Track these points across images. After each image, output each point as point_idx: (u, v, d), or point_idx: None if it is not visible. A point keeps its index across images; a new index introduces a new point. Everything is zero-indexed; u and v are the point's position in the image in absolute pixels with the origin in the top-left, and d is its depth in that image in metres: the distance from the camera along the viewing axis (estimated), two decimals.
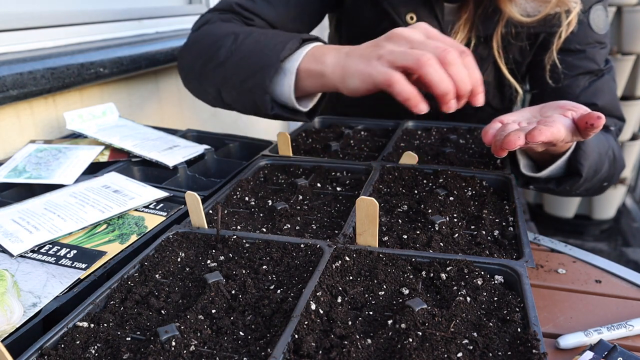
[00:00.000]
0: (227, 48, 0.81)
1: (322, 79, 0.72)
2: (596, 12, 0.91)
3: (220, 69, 0.81)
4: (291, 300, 0.47)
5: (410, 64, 0.62)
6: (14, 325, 0.47)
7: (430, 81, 0.61)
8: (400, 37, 0.66)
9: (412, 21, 0.93)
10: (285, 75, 0.74)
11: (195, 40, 0.90)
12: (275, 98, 0.77)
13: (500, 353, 0.41)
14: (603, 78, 0.95)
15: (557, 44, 0.88)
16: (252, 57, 0.76)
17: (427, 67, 0.61)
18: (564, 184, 0.76)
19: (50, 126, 1.06)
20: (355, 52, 0.69)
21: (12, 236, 0.61)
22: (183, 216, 0.67)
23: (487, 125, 0.70)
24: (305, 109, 0.79)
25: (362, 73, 0.66)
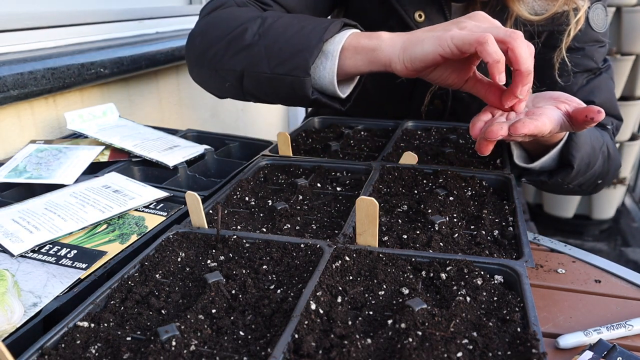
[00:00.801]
0: (253, 31, 0.78)
1: (373, 54, 0.71)
2: (595, 11, 0.91)
3: (244, 53, 0.78)
4: (291, 300, 0.47)
5: (502, 35, 0.62)
6: (15, 325, 0.47)
7: (520, 55, 0.61)
8: (484, 18, 0.67)
9: (421, 19, 0.93)
10: (326, 58, 0.73)
11: (210, 23, 0.86)
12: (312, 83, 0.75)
13: (500, 353, 0.41)
14: (601, 76, 0.95)
15: (566, 42, 0.88)
16: (288, 39, 0.74)
17: (519, 42, 0.61)
18: (555, 175, 0.77)
19: (50, 126, 1.06)
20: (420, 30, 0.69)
21: (12, 236, 0.61)
22: (183, 216, 0.67)
23: (476, 116, 0.70)
24: (343, 95, 0.77)
25: (439, 37, 0.65)
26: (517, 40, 0.62)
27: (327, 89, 0.75)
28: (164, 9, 1.53)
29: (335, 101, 0.78)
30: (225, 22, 0.83)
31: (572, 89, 0.94)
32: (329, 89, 0.75)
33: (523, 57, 0.62)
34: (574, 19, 0.86)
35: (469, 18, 0.67)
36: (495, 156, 0.85)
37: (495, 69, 0.62)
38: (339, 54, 0.72)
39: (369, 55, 0.71)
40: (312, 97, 0.75)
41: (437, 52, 0.65)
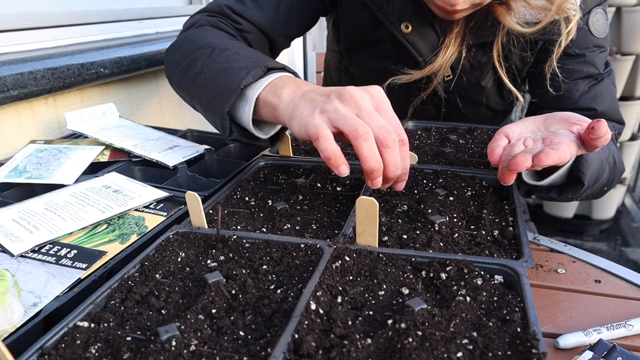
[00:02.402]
0: (202, 61, 0.80)
1: (275, 112, 0.70)
2: (596, 16, 0.90)
3: (193, 81, 0.80)
4: (291, 300, 0.47)
5: (346, 130, 0.60)
6: (15, 325, 0.47)
7: (361, 154, 0.59)
8: (352, 99, 0.62)
9: (407, 30, 0.93)
10: (246, 102, 0.73)
11: (180, 43, 0.90)
12: (237, 122, 0.76)
13: (500, 353, 0.41)
14: (603, 82, 0.94)
15: (556, 53, 0.88)
16: (218, 78, 0.75)
17: (361, 141, 0.59)
18: (565, 192, 0.76)
19: (50, 126, 1.06)
20: (310, 95, 0.66)
21: (12, 236, 0.61)
22: (183, 216, 0.67)
23: (492, 142, 0.70)
24: (265, 135, 0.77)
25: (302, 120, 0.63)
26: (358, 140, 0.59)
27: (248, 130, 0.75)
28: (163, 9, 1.53)
29: (261, 140, 0.77)
30: (187, 45, 0.87)
31: (573, 96, 0.93)
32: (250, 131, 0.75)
33: (363, 156, 0.59)
34: (565, 30, 0.85)
35: (338, 96, 0.63)
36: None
37: (328, 164, 0.61)
38: (256, 101, 0.72)
39: (273, 113, 0.71)
40: (230, 137, 0.76)
41: (300, 135, 0.65)
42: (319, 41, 2.73)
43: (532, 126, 0.72)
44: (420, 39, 0.94)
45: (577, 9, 0.85)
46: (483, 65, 0.96)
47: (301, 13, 0.99)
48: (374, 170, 0.60)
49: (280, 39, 0.99)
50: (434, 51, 0.94)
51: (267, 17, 0.94)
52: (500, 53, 0.92)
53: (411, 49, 0.94)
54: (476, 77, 0.98)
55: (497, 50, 0.91)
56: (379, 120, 0.61)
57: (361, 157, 0.59)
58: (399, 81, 0.95)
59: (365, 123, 0.60)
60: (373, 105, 0.63)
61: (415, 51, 0.95)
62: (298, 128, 0.65)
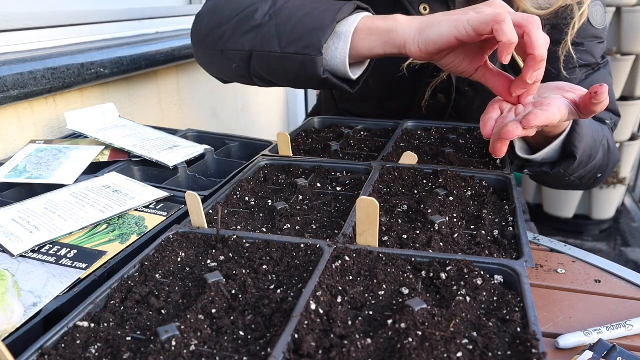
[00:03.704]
0: (264, 11, 0.78)
1: (388, 35, 0.70)
2: (595, 8, 0.93)
3: (254, 33, 0.78)
4: (291, 300, 0.47)
5: (519, 19, 0.62)
6: (15, 325, 0.47)
7: (536, 39, 0.61)
8: (501, 5, 0.65)
9: (426, 12, 0.93)
10: (339, 38, 0.72)
11: (218, 4, 0.86)
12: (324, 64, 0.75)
13: (499, 353, 0.41)
14: (600, 72, 0.95)
15: (571, 34, 0.89)
16: (300, 19, 0.74)
17: (536, 27, 0.61)
18: (558, 166, 0.77)
19: (50, 126, 1.06)
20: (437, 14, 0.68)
21: (12, 236, 0.61)
22: (183, 216, 0.67)
23: (484, 114, 0.70)
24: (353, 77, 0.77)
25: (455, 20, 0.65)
26: (534, 25, 0.61)
27: (338, 70, 0.75)
28: (163, 9, 1.53)
29: (345, 82, 0.78)
30: (234, 2, 0.83)
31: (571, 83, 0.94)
32: (340, 70, 0.75)
33: (539, 41, 0.61)
34: (578, 13, 0.87)
35: (486, 5, 0.66)
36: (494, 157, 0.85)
37: (505, 48, 0.61)
38: (352, 35, 0.72)
39: (384, 37, 0.71)
40: (323, 77, 0.74)
41: (452, 34, 0.65)
42: None
43: None
44: None
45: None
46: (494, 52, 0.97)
47: None
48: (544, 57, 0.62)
49: None
50: None
51: None
52: None
53: None
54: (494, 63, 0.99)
55: None
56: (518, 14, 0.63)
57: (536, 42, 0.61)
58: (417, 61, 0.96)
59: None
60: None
61: None
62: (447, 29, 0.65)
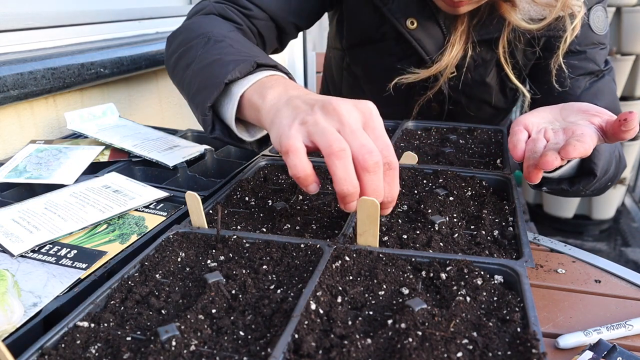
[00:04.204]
0: (195, 51, 0.77)
1: (258, 115, 0.64)
2: (596, 13, 0.91)
3: (184, 72, 0.77)
4: (291, 300, 0.47)
5: (321, 145, 0.53)
6: (15, 325, 0.47)
7: (333, 174, 0.53)
8: (336, 113, 0.55)
9: (413, 26, 0.93)
10: (230, 99, 0.68)
11: (181, 31, 0.87)
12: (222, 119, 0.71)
13: (499, 353, 0.41)
14: (604, 79, 0.95)
15: (562, 48, 0.88)
16: (207, 70, 0.71)
17: (334, 158, 0.52)
18: (577, 184, 0.75)
19: (50, 126, 1.06)
20: (294, 102, 0.59)
21: (12, 236, 0.61)
22: (183, 216, 0.67)
23: (512, 136, 0.67)
24: (251, 138, 0.72)
25: (279, 129, 0.57)
26: (331, 158, 0.52)
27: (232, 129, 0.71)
28: (163, 9, 1.53)
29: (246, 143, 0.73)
30: (185, 33, 0.84)
31: (575, 93, 0.93)
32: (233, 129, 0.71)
33: (336, 177, 0.52)
34: (570, 26, 0.86)
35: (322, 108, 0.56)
36: (495, 156, 0.85)
37: (297, 182, 0.56)
38: (240, 99, 0.67)
39: (256, 114, 0.65)
40: (211, 135, 0.71)
41: (275, 146, 0.59)
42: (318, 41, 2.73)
43: (548, 116, 0.71)
44: (425, 35, 0.94)
45: (582, 5, 0.86)
46: (487, 62, 0.96)
47: (311, 2, 0.99)
48: (347, 194, 0.53)
49: (290, 27, 0.98)
50: (439, 48, 0.94)
51: (279, 4, 0.93)
52: (506, 50, 0.92)
53: (417, 45, 0.94)
54: (480, 75, 0.98)
55: (502, 47, 0.92)
56: (362, 138, 0.54)
57: (333, 177, 0.53)
58: (405, 80, 0.95)
59: (346, 140, 0.53)
60: (361, 121, 0.56)
61: (420, 48, 0.95)
62: (274, 137, 0.58)
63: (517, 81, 0.95)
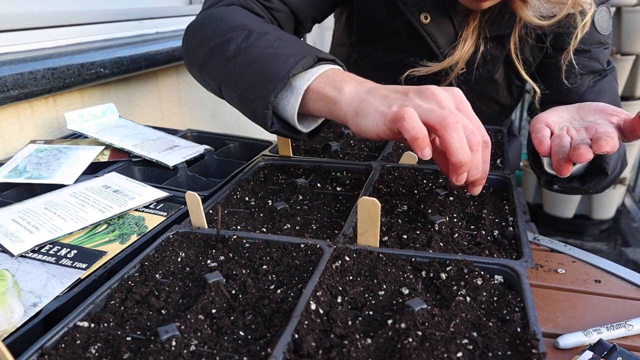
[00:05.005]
0: (236, 44, 0.75)
1: (333, 107, 0.66)
2: (600, 14, 0.92)
3: (225, 64, 0.76)
4: (291, 300, 0.47)
5: (434, 120, 0.56)
6: (15, 325, 0.47)
7: (450, 146, 0.55)
8: (434, 96, 0.59)
9: (427, 21, 0.93)
10: (292, 92, 0.69)
11: (205, 22, 0.84)
12: (277, 112, 0.72)
13: (499, 353, 0.41)
14: (606, 78, 0.95)
15: (573, 44, 0.89)
16: (261, 64, 0.71)
17: (451, 131, 0.55)
18: (588, 182, 0.76)
19: (50, 126, 1.06)
20: (380, 91, 0.63)
21: (12, 236, 0.61)
22: (183, 216, 0.67)
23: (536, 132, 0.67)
24: (306, 129, 0.74)
25: (376, 114, 0.60)
26: (447, 130, 0.55)
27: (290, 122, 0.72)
28: (163, 9, 1.53)
29: (300, 134, 0.74)
30: (216, 24, 0.82)
31: (579, 91, 0.94)
32: (292, 123, 0.72)
33: (453, 147, 0.55)
34: (580, 22, 0.87)
35: (419, 94, 0.60)
36: (495, 156, 0.85)
37: (413, 145, 0.56)
38: (304, 92, 0.68)
39: (329, 107, 0.67)
40: (271, 129, 0.72)
41: (374, 131, 0.61)
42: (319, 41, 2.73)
43: (566, 115, 0.71)
44: (438, 30, 0.94)
45: (592, 2, 0.87)
46: (496, 59, 0.97)
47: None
48: (463, 163, 0.56)
49: (308, 21, 0.97)
50: (450, 43, 0.95)
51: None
52: (517, 46, 0.93)
53: (429, 40, 0.95)
54: (489, 71, 0.99)
55: (513, 44, 0.92)
56: (463, 119, 0.57)
57: (451, 148, 0.55)
58: (417, 73, 0.95)
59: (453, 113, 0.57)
60: (455, 105, 0.60)
61: (432, 43, 0.95)
62: (372, 125, 0.61)
63: (527, 77, 0.95)
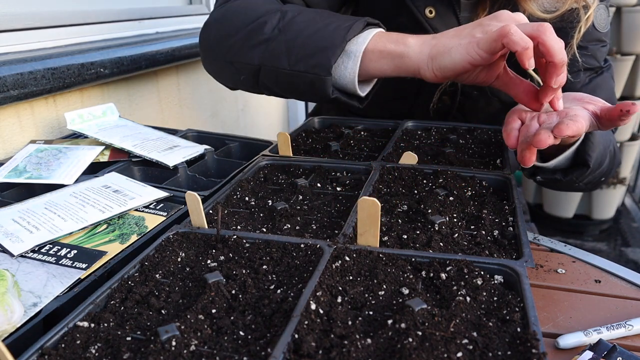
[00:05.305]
0: (272, 25, 0.77)
1: (400, 60, 0.70)
2: (599, 11, 0.93)
3: (263, 47, 0.77)
4: (291, 300, 0.47)
5: (530, 30, 0.61)
6: (15, 325, 0.47)
7: (552, 47, 0.61)
8: (509, 16, 0.65)
9: (431, 15, 0.93)
10: (348, 57, 0.72)
11: (227, 13, 0.85)
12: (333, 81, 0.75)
13: (500, 353, 0.41)
14: (603, 75, 0.96)
15: (577, 38, 0.89)
16: (310, 35, 0.73)
17: (551, 34, 0.60)
18: (570, 174, 0.77)
19: (50, 126, 1.06)
20: (447, 33, 0.68)
21: (12, 236, 0.61)
22: (183, 216, 0.67)
23: (506, 125, 0.69)
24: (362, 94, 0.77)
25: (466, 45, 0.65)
26: (546, 33, 0.61)
27: (347, 88, 0.75)
28: (163, 9, 1.54)
29: (354, 99, 0.78)
30: (243, 13, 0.83)
31: (575, 86, 0.94)
32: (349, 88, 0.75)
33: (555, 48, 0.61)
34: (584, 17, 0.87)
35: (493, 18, 0.66)
36: (495, 156, 0.85)
37: (524, 56, 0.61)
38: (362, 55, 0.72)
39: (396, 62, 0.71)
40: (332, 96, 0.75)
41: (466, 60, 0.66)
42: None
43: None
44: (442, 25, 0.95)
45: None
46: None
47: None
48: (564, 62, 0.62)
49: None
50: None
51: None
52: None
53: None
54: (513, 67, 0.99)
55: None
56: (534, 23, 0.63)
57: (553, 50, 0.61)
58: None
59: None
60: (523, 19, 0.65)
61: None
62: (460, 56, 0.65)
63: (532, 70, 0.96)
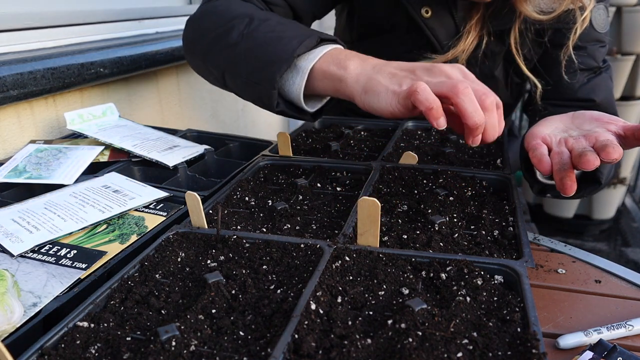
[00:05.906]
0: (239, 31, 0.77)
1: (339, 84, 0.69)
2: (598, 12, 0.93)
3: (228, 52, 0.78)
4: (291, 300, 0.47)
5: (445, 90, 0.60)
6: (14, 325, 0.47)
7: (464, 110, 0.59)
8: (442, 72, 0.64)
9: (427, 15, 0.93)
10: (297, 73, 0.72)
11: (206, 13, 0.86)
12: (282, 94, 0.75)
13: (500, 353, 0.41)
14: (601, 75, 0.96)
15: (572, 39, 0.89)
16: (265, 47, 0.73)
17: (464, 96, 0.59)
18: (582, 190, 0.75)
19: (50, 126, 1.06)
20: (386, 69, 0.67)
21: (12, 236, 0.61)
22: (183, 216, 0.67)
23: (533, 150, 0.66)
24: (311, 109, 0.76)
25: (392, 94, 0.64)
26: (460, 95, 0.59)
27: (295, 102, 0.75)
28: (163, 9, 1.53)
29: (305, 114, 0.77)
30: (218, 14, 0.83)
31: (573, 87, 0.95)
32: (297, 103, 0.75)
33: (468, 111, 0.59)
34: (580, 18, 0.87)
35: (427, 71, 0.65)
36: (495, 156, 0.85)
37: (429, 116, 0.60)
38: (309, 72, 0.71)
39: (335, 84, 0.70)
40: (277, 109, 0.75)
41: (387, 109, 0.65)
42: None
43: (560, 125, 0.70)
44: (438, 24, 0.95)
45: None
46: (496, 55, 0.97)
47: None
48: (478, 125, 0.60)
49: (307, 17, 0.98)
50: (450, 37, 0.95)
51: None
52: (517, 41, 0.93)
53: (429, 34, 0.95)
54: (489, 68, 0.99)
55: (514, 38, 0.93)
56: (474, 84, 0.62)
57: (465, 113, 0.59)
58: None
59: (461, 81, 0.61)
60: (461, 75, 0.64)
61: (433, 37, 0.95)
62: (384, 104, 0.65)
63: (528, 72, 0.96)
